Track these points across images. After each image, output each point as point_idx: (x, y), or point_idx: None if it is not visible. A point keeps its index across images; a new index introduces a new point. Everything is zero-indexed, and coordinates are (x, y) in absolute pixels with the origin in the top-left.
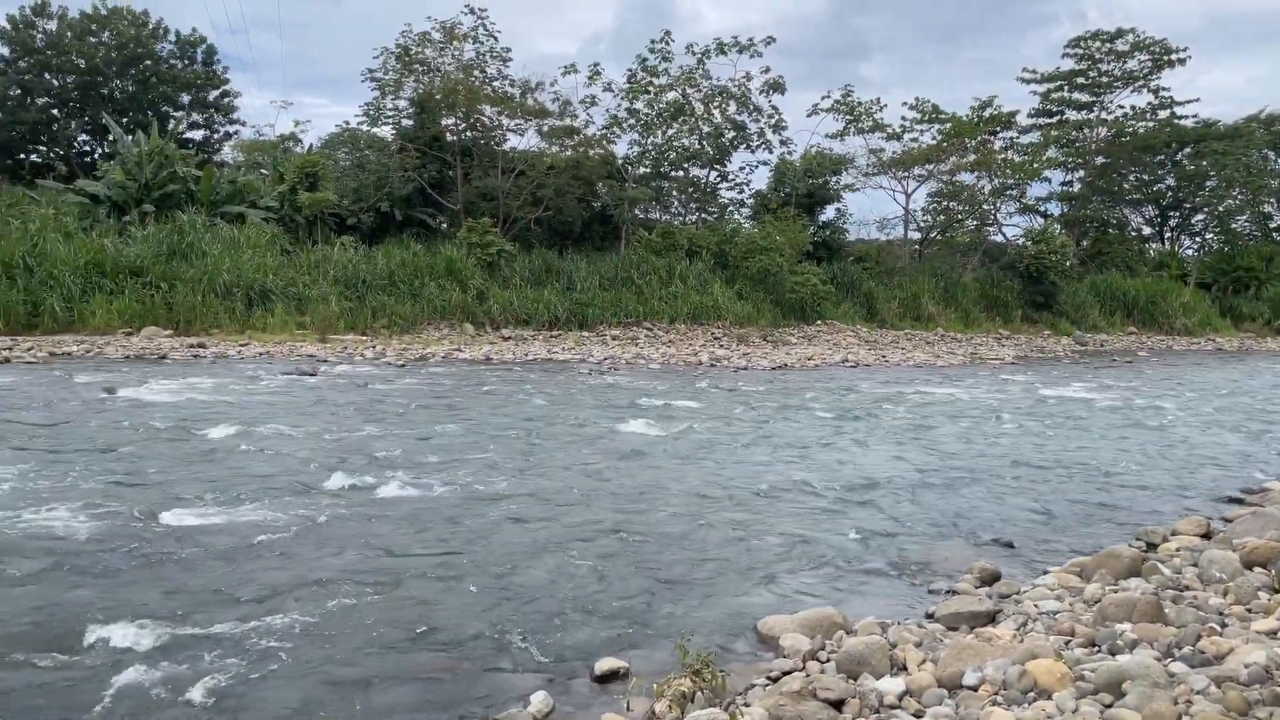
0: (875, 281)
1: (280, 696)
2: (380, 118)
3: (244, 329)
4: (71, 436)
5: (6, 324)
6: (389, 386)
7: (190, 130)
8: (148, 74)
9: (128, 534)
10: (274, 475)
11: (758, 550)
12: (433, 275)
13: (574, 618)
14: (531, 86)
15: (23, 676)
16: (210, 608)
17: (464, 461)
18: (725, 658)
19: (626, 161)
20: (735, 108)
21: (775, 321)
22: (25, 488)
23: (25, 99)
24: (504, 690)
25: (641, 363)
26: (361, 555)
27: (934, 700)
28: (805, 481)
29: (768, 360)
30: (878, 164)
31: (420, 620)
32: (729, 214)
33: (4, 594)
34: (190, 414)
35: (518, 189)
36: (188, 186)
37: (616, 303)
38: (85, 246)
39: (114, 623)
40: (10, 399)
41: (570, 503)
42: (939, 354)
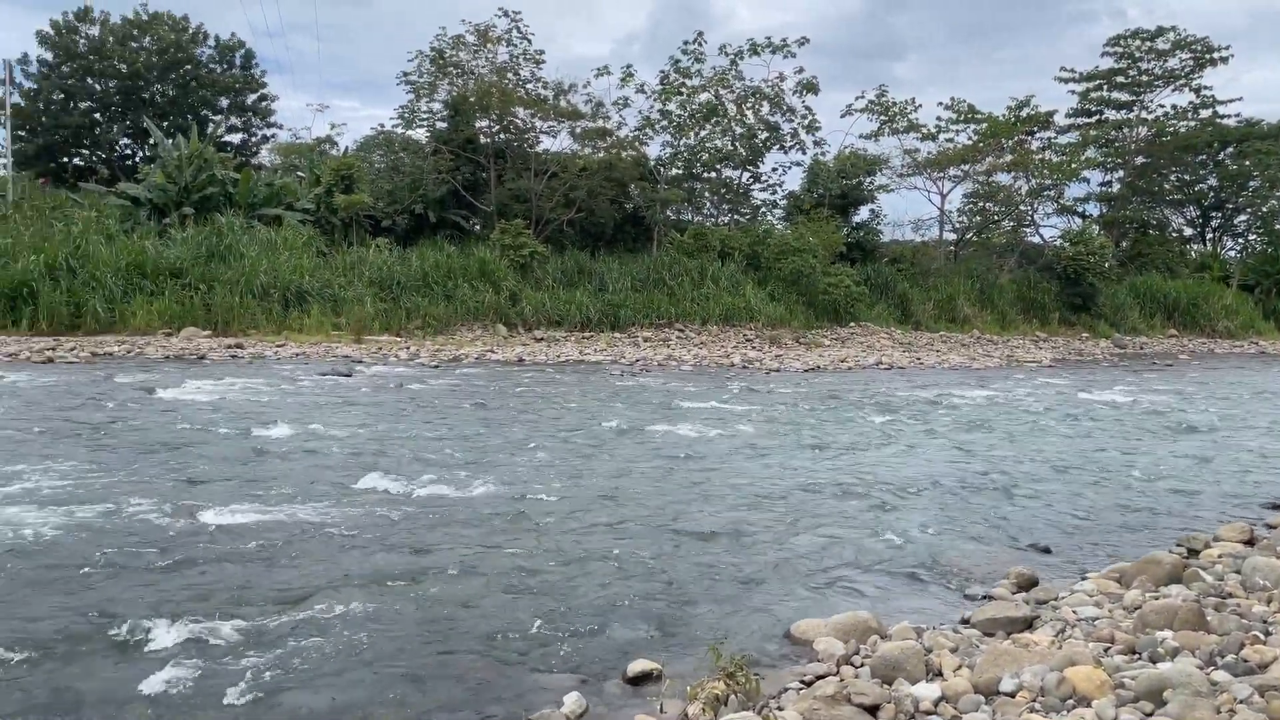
0: (910, 283)
1: (318, 695)
2: (415, 120)
3: (281, 330)
4: (111, 435)
5: (50, 324)
6: (423, 387)
7: (229, 133)
8: (188, 78)
9: (167, 531)
10: (310, 474)
11: (790, 553)
12: (466, 277)
13: (606, 619)
14: (564, 88)
15: (64, 671)
16: (248, 605)
17: (497, 462)
18: (758, 661)
19: (659, 163)
20: (768, 108)
21: (808, 323)
22: (66, 485)
23: (68, 103)
24: (538, 690)
25: (673, 364)
26: (396, 554)
27: (970, 706)
28: (837, 484)
29: (800, 362)
30: (912, 164)
31: (454, 620)
32: (762, 215)
33: (46, 590)
34: (228, 414)
35: (550, 191)
36: (226, 189)
37: (648, 304)
38: (126, 248)
39: (154, 619)
40: (53, 398)
41: (602, 504)
42: (975, 356)
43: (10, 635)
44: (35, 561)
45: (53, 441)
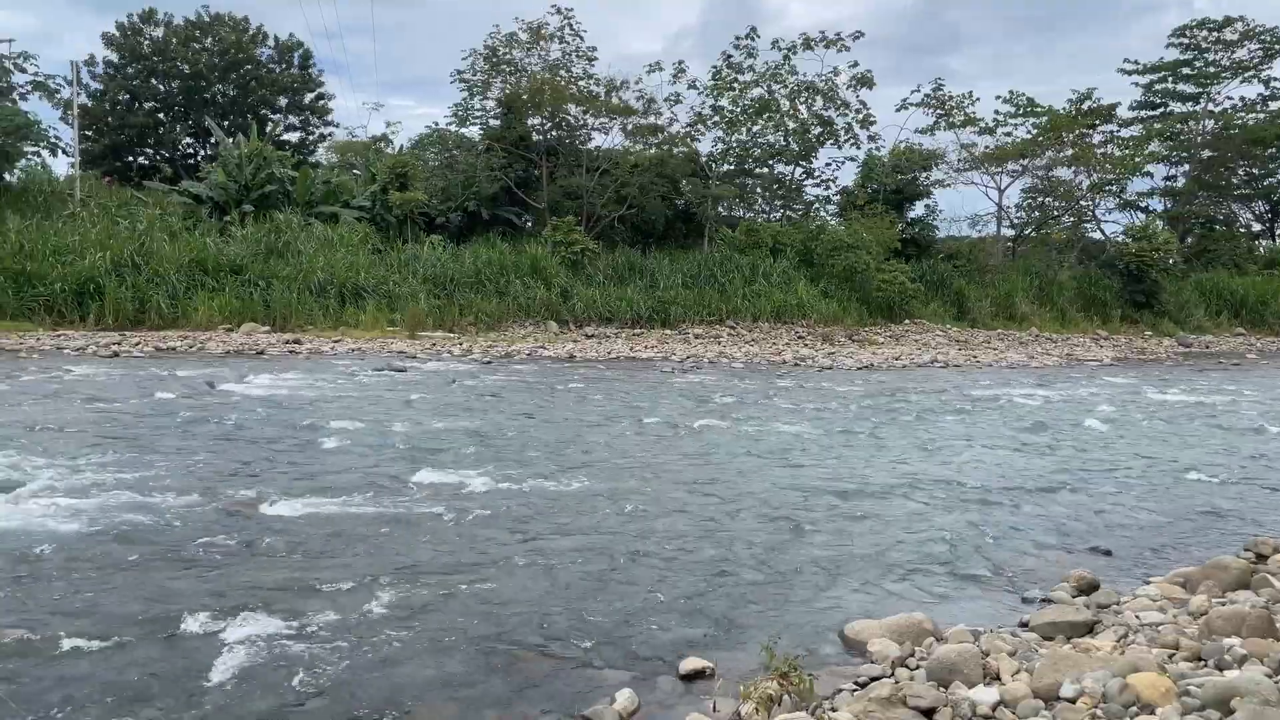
0: (966, 280)
1: (374, 686)
2: (468, 118)
3: (337, 325)
4: (174, 428)
5: (115, 319)
6: (476, 383)
7: (287, 132)
8: (248, 78)
9: (228, 523)
10: (367, 468)
11: (843, 553)
12: (518, 273)
13: (659, 616)
14: (616, 85)
15: (131, 660)
16: (306, 597)
17: (548, 458)
18: (810, 661)
19: (710, 159)
20: (822, 103)
21: (861, 320)
22: (132, 477)
23: (133, 104)
24: (590, 686)
25: (724, 361)
26: (450, 548)
27: (1030, 711)
28: (891, 483)
29: (853, 360)
30: (969, 159)
31: (507, 614)
32: (814, 211)
33: (111, 580)
34: (287, 408)
35: (602, 187)
36: (284, 187)
37: (699, 301)
38: (189, 245)
39: (215, 610)
40: (118, 391)
41: (654, 501)
42: (1033, 355)
43: (82, 623)
44: (104, 551)
45: (119, 434)
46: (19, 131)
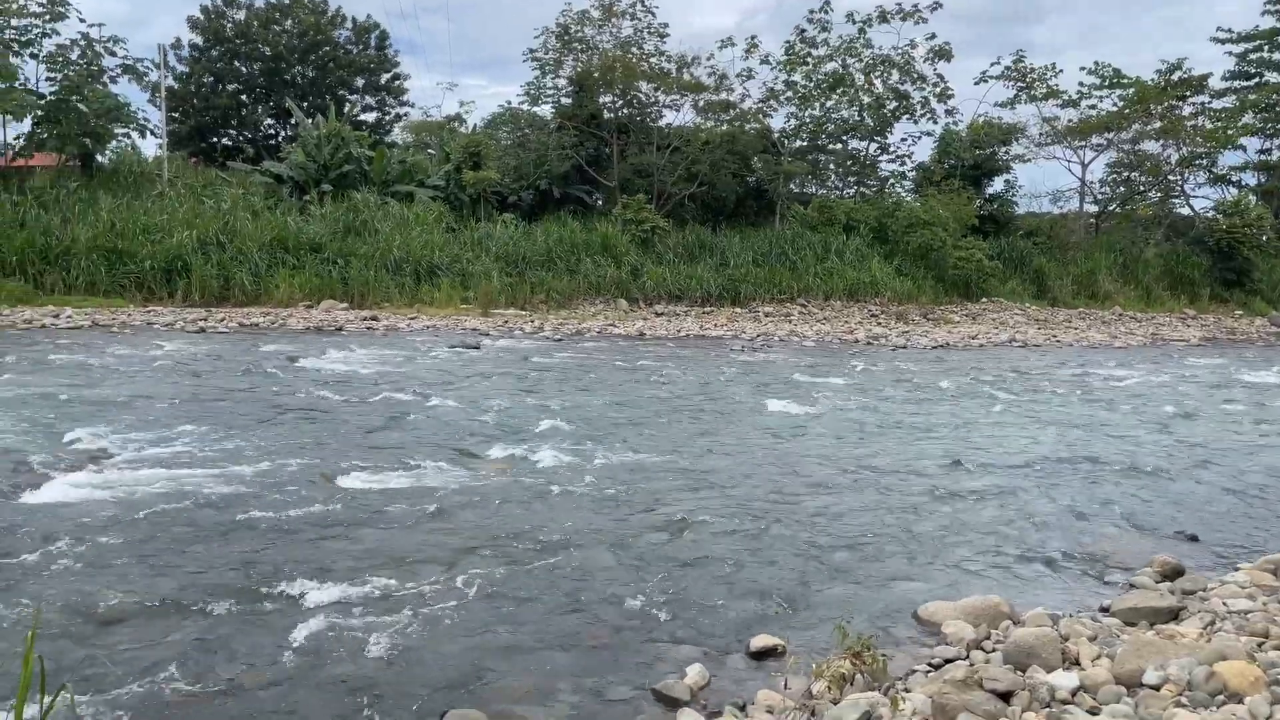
0: (1046, 257)
1: (449, 656)
2: (540, 96)
3: (413, 303)
4: (258, 402)
5: (201, 296)
6: (547, 360)
7: (363, 112)
8: (326, 60)
9: (308, 494)
10: (442, 443)
11: (917, 533)
12: (589, 251)
13: (728, 593)
14: (688, 61)
15: (216, 626)
16: (383, 568)
17: (619, 435)
18: (883, 642)
19: (783, 135)
20: (898, 77)
21: (937, 299)
22: (218, 449)
23: (217, 86)
24: (660, 660)
25: (795, 340)
26: (523, 522)
27: (1111, 698)
28: (967, 464)
29: (928, 339)
30: (1051, 133)
31: (579, 588)
32: (889, 187)
33: (199, 547)
34: (365, 383)
35: (672, 165)
36: (361, 167)
37: (770, 279)
38: (270, 224)
39: (296, 578)
40: (207, 366)
41: (724, 479)
42: (1116, 334)
43: (172, 588)
44: (192, 520)
45: (207, 407)
46: (110, 114)
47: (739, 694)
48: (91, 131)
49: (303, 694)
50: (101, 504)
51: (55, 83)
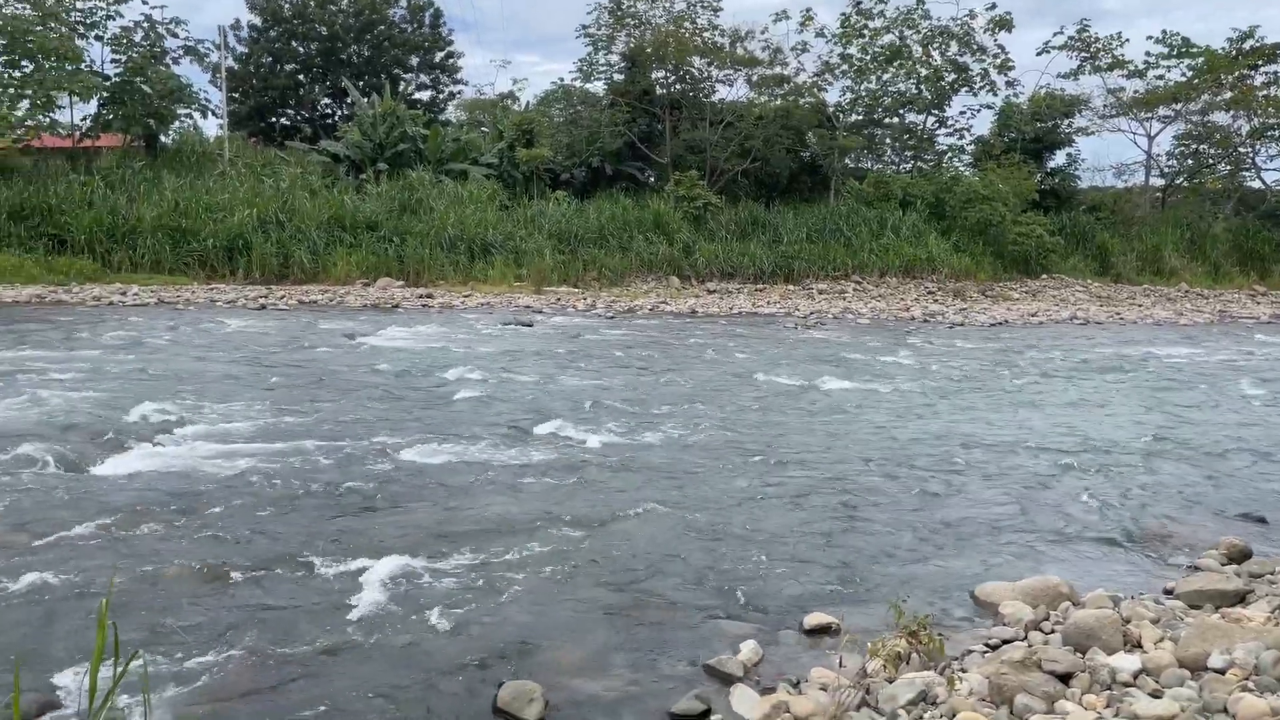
0: (1110, 232)
1: (506, 628)
2: (593, 73)
3: (467, 280)
4: (318, 378)
5: (262, 273)
6: (599, 337)
7: (418, 91)
8: (381, 38)
9: (367, 468)
10: (496, 419)
11: (974, 513)
12: (641, 229)
13: (782, 570)
14: (741, 35)
15: (280, 595)
16: (441, 540)
17: (671, 413)
18: (939, 622)
19: (838, 109)
20: (957, 48)
21: (995, 275)
22: (280, 423)
23: (275, 66)
24: (714, 636)
25: (849, 317)
26: (576, 499)
27: (1174, 681)
28: (1026, 444)
29: (986, 316)
30: (1116, 105)
31: (632, 564)
32: (947, 161)
33: (263, 518)
34: (421, 360)
35: (725, 141)
36: (416, 145)
37: (824, 255)
38: (328, 202)
39: (356, 550)
40: (268, 342)
41: (777, 457)
42: (1182, 311)
43: (233, 557)
44: (255, 491)
45: (269, 383)
46: (173, 95)
47: (793, 671)
48: (155, 112)
49: (363, 663)
50: (168, 476)
51: (120, 65)
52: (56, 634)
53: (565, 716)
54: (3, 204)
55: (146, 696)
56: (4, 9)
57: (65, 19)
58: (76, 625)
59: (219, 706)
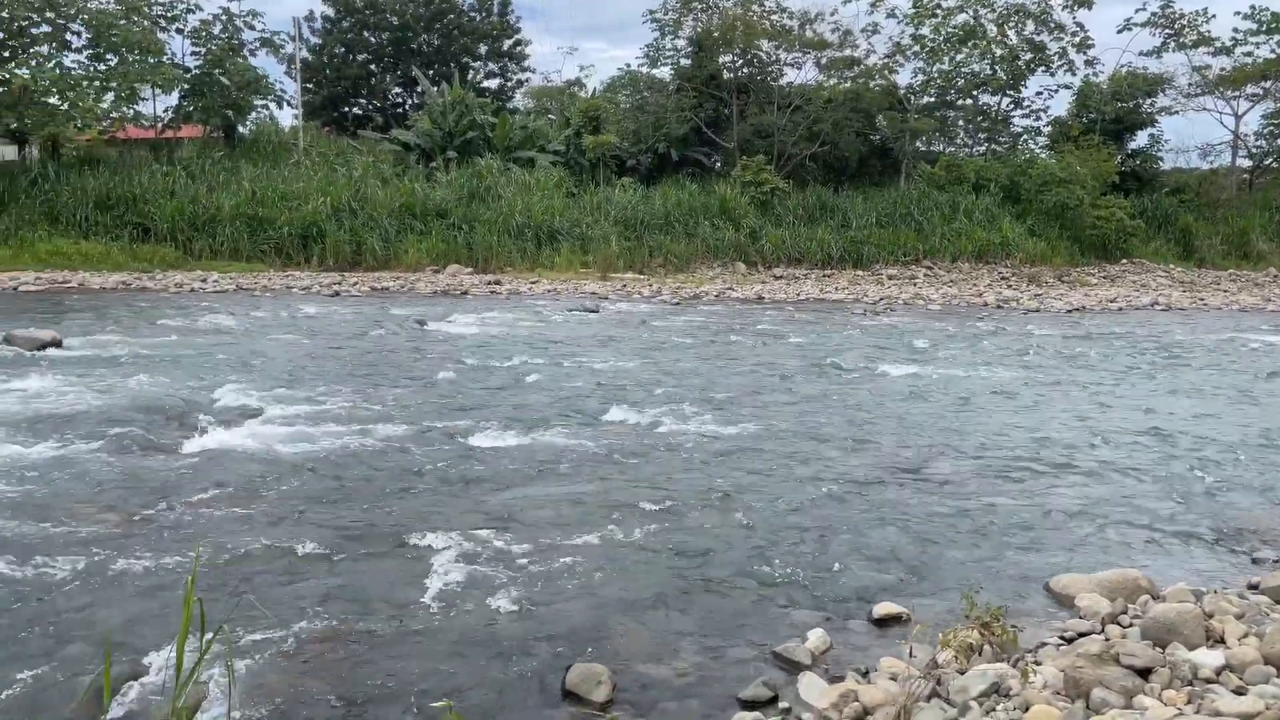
0: (1194, 215)
1: (574, 610)
2: (659, 58)
3: (534, 267)
4: (390, 363)
5: (336, 261)
6: (664, 324)
7: (486, 79)
8: (451, 27)
9: (437, 451)
10: (563, 405)
11: (1050, 503)
12: (707, 215)
13: (850, 559)
14: (810, 18)
15: (354, 574)
16: (510, 522)
17: (737, 399)
18: (1012, 613)
19: (909, 91)
20: (1033, 27)
21: (1072, 260)
22: (354, 406)
23: (348, 56)
24: (781, 624)
25: (920, 303)
26: (642, 484)
27: (1259, 678)
28: (1105, 433)
29: (1063, 302)
30: (1202, 83)
31: (699, 550)
32: (1022, 143)
33: (339, 498)
34: (489, 345)
35: (793, 125)
36: (485, 133)
37: (894, 240)
38: (399, 191)
39: (428, 531)
40: (342, 327)
41: (845, 444)
42: (1270, 297)
43: (313, 536)
44: (331, 473)
45: (343, 367)
46: (250, 86)
47: (861, 660)
48: (233, 103)
49: (434, 642)
50: (248, 457)
51: (199, 57)
52: (144, 610)
53: (633, 699)
54: (90, 193)
55: (230, 670)
56: (90, 4)
57: (147, 13)
58: (163, 601)
59: (297, 680)
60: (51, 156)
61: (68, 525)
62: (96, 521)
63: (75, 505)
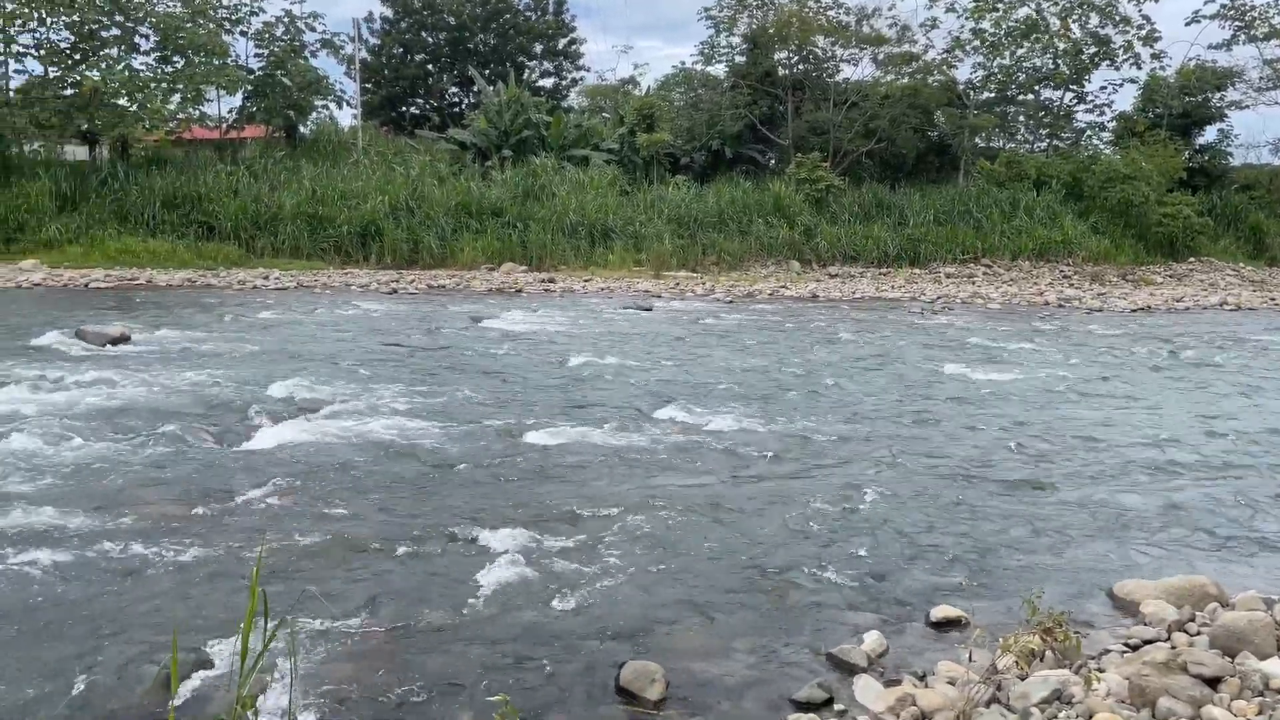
0: (1265, 212)
1: (627, 608)
2: (714, 56)
3: (587, 265)
4: (446, 360)
5: (394, 259)
6: (718, 322)
7: (542, 78)
8: (506, 27)
9: (493, 448)
10: (615, 402)
11: (1113, 507)
12: (760, 212)
13: (907, 561)
14: (867, 13)
15: (411, 568)
16: (563, 519)
17: (791, 398)
18: (1074, 619)
19: (968, 86)
20: (1098, 20)
21: (1137, 258)
22: (411, 403)
23: (406, 56)
24: (836, 625)
25: (979, 302)
26: (694, 482)
27: None
28: (1170, 437)
29: (1126, 301)
30: (1274, 76)
31: (753, 549)
32: (1085, 139)
33: (396, 493)
34: (543, 343)
35: (849, 121)
36: (540, 132)
37: (952, 238)
38: (455, 189)
39: (483, 527)
40: (400, 325)
41: (903, 445)
42: None
43: (368, 530)
44: (388, 468)
45: (400, 364)
46: (311, 87)
47: (918, 664)
48: (295, 104)
49: (489, 637)
50: (309, 451)
51: (262, 59)
52: (206, 599)
53: (686, 698)
54: (157, 193)
55: (294, 660)
56: (158, 7)
57: (213, 16)
58: (224, 591)
59: (357, 671)
60: (121, 157)
61: (134, 515)
62: (161, 512)
63: (141, 496)
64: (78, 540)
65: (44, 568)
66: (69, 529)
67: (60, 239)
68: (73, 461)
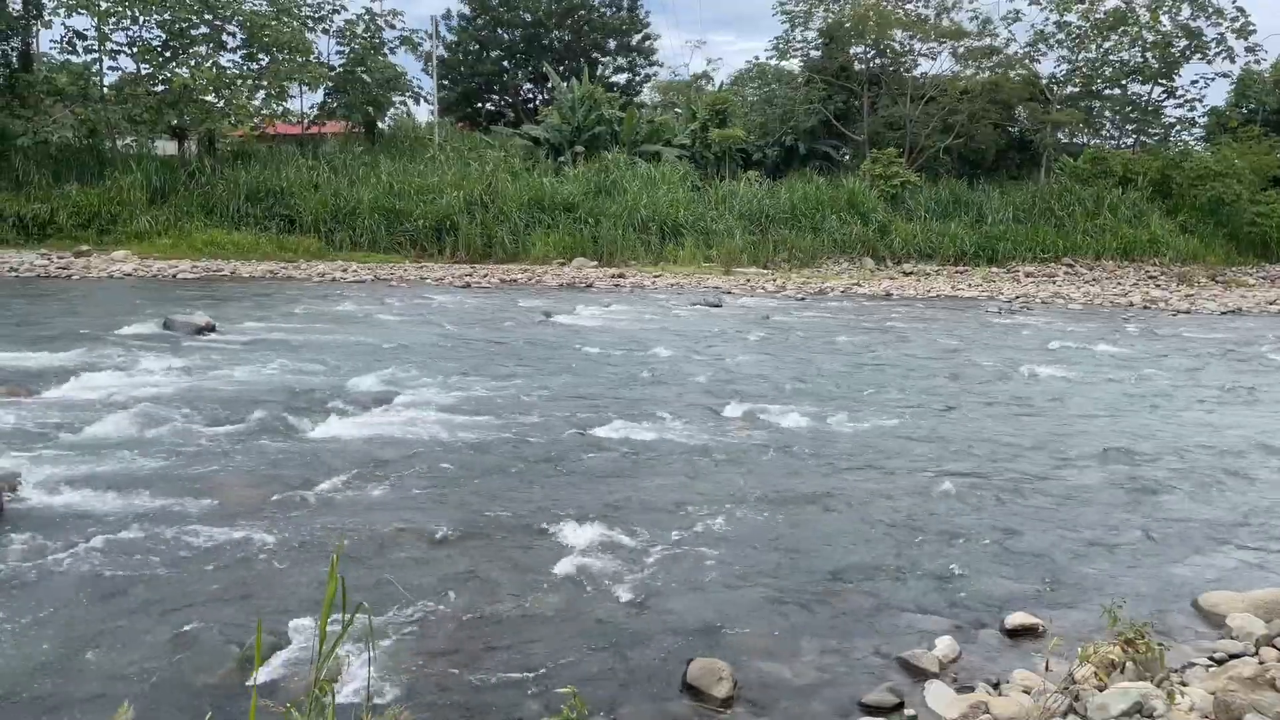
0: None
1: (695, 605)
2: (788, 50)
3: (658, 261)
4: (518, 354)
5: (468, 253)
6: (788, 319)
7: (615, 74)
8: (581, 23)
9: (563, 441)
10: (684, 398)
11: (1198, 517)
12: (834, 208)
13: (981, 567)
14: (947, 6)
15: (483, 559)
16: (632, 515)
17: (864, 397)
18: (1156, 630)
19: (1052, 81)
20: (1189, 12)
21: (1228, 259)
22: (484, 396)
23: (482, 53)
24: (907, 630)
25: (1059, 302)
26: (766, 480)
27: None
28: (1260, 444)
29: (1216, 303)
30: None
31: (822, 549)
32: (1174, 136)
33: (471, 483)
34: (613, 338)
35: (927, 116)
36: (612, 128)
37: (1032, 236)
38: (528, 185)
39: (554, 520)
40: (474, 318)
41: (977, 448)
42: None
43: (439, 521)
44: (462, 460)
45: (474, 357)
46: (390, 83)
47: (992, 671)
48: (374, 100)
49: (559, 630)
50: (385, 441)
51: (343, 55)
52: (285, 584)
53: (753, 697)
54: (242, 187)
55: (370, 646)
56: (244, 6)
57: (297, 14)
58: (302, 577)
59: (431, 657)
60: (208, 152)
61: (219, 499)
62: (245, 497)
63: (226, 481)
64: (166, 521)
65: (136, 547)
66: (159, 511)
67: (150, 231)
68: (162, 447)
